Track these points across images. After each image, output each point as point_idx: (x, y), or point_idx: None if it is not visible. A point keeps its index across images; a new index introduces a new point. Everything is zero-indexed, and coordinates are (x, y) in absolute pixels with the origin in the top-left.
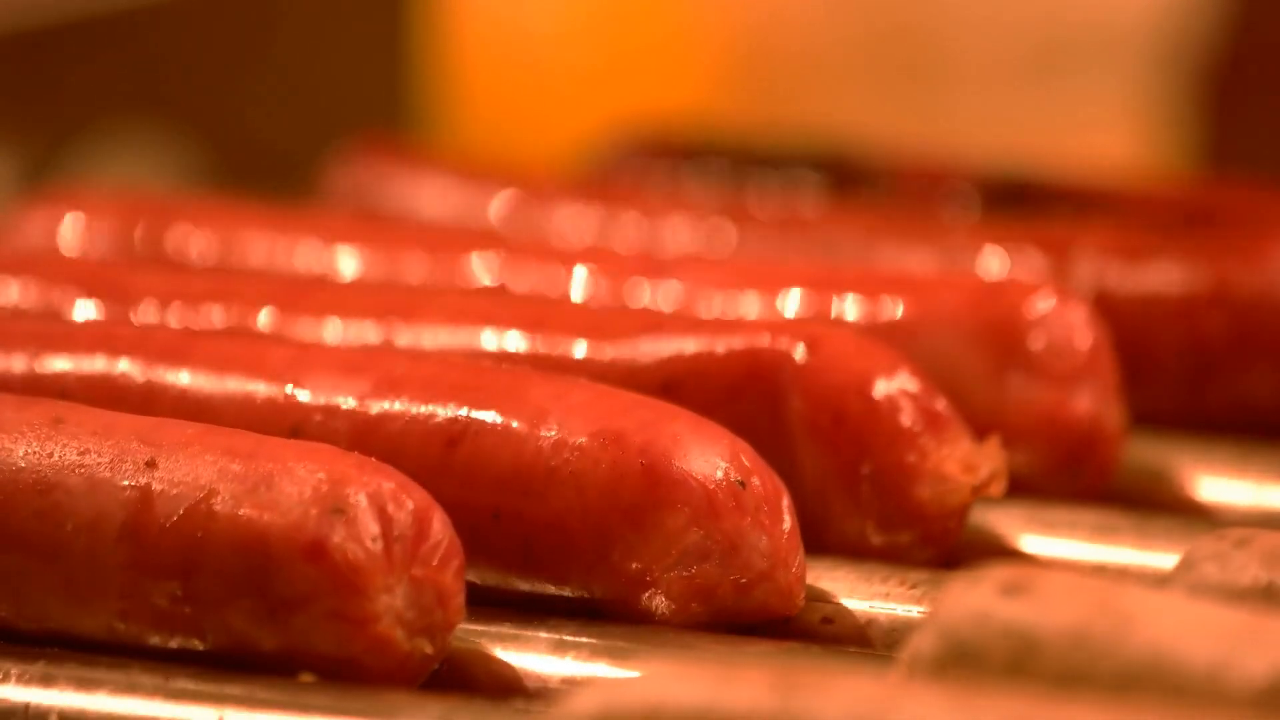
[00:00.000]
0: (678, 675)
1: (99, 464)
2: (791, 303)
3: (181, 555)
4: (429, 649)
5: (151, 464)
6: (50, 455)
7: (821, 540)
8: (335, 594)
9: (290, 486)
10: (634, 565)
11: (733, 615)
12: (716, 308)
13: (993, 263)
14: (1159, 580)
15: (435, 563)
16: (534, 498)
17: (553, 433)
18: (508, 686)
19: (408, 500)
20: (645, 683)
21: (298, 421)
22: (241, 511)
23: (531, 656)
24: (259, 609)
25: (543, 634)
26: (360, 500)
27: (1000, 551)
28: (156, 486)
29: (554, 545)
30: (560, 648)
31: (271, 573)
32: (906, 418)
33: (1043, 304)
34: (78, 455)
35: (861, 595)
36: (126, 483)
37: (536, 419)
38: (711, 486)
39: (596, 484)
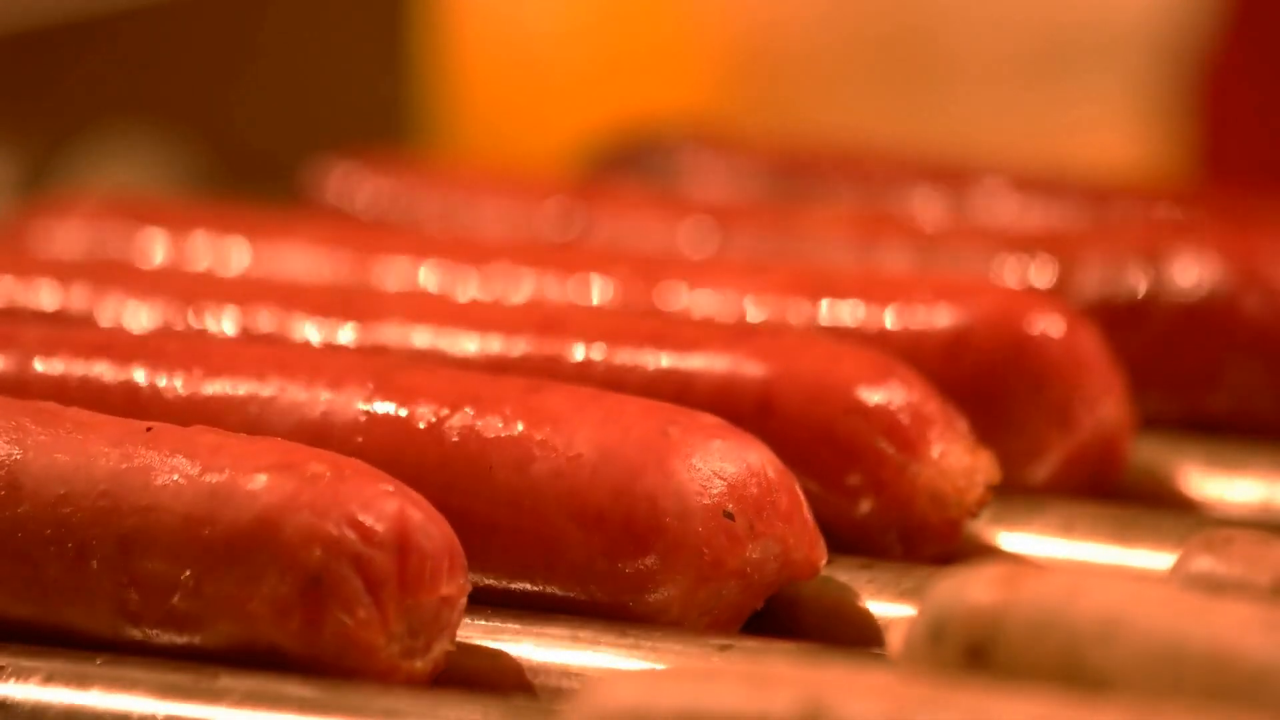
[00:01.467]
0: (707, 677)
1: (74, 549)
2: (773, 310)
3: (185, 639)
4: (450, 646)
5: (125, 545)
6: (20, 536)
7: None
8: (344, 659)
9: (262, 553)
10: (662, 622)
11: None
12: (700, 311)
13: (986, 269)
14: (1159, 580)
15: (426, 579)
16: (547, 583)
17: (539, 523)
18: (517, 682)
19: (375, 525)
20: (673, 684)
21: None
22: (227, 596)
23: (543, 650)
24: (277, 664)
25: (553, 629)
26: (333, 555)
27: (1003, 550)
28: (139, 574)
29: (577, 611)
30: (572, 643)
31: (277, 649)
32: (891, 449)
33: (1033, 334)
34: (49, 544)
35: (868, 595)
36: (108, 575)
37: (515, 503)
38: (704, 542)
39: (600, 573)
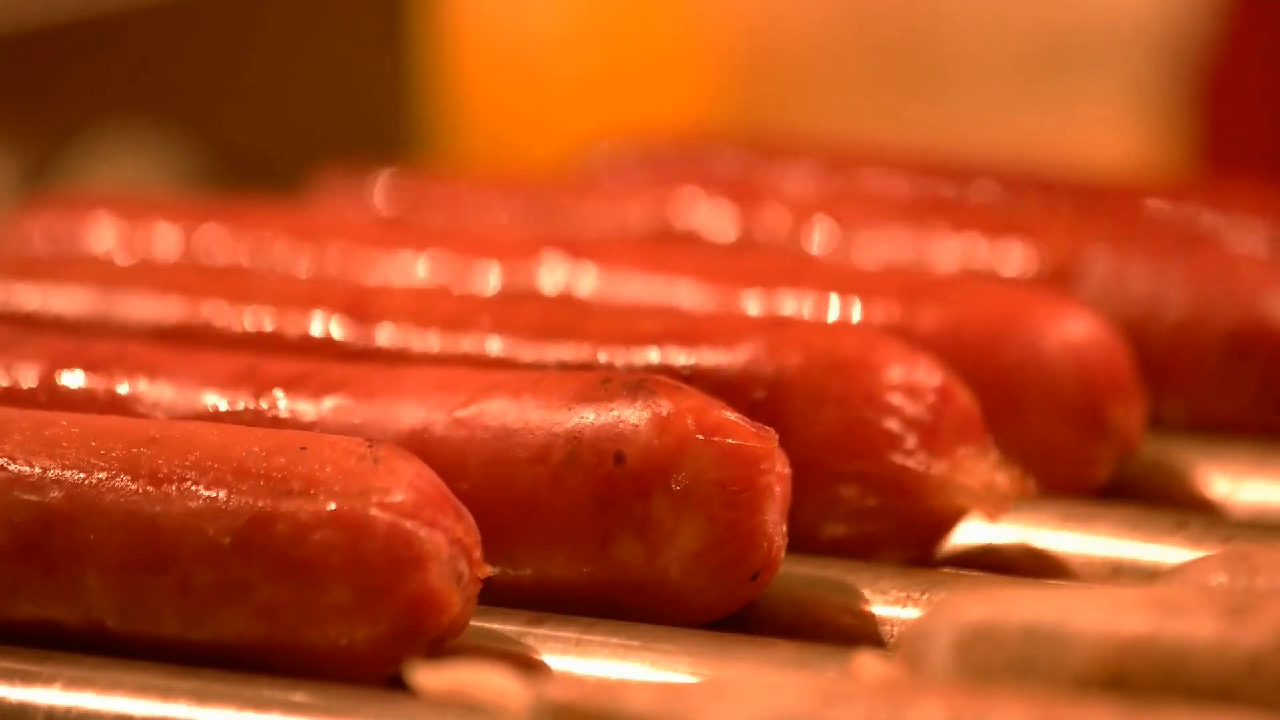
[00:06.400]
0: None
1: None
2: (785, 307)
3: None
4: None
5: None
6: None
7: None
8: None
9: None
10: None
11: None
12: (707, 310)
13: (995, 264)
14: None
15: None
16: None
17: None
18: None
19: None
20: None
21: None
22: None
23: (547, 656)
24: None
25: (560, 631)
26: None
27: (1004, 551)
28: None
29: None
30: (578, 646)
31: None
32: (913, 443)
33: (1050, 333)
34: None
35: (878, 601)
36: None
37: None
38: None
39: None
